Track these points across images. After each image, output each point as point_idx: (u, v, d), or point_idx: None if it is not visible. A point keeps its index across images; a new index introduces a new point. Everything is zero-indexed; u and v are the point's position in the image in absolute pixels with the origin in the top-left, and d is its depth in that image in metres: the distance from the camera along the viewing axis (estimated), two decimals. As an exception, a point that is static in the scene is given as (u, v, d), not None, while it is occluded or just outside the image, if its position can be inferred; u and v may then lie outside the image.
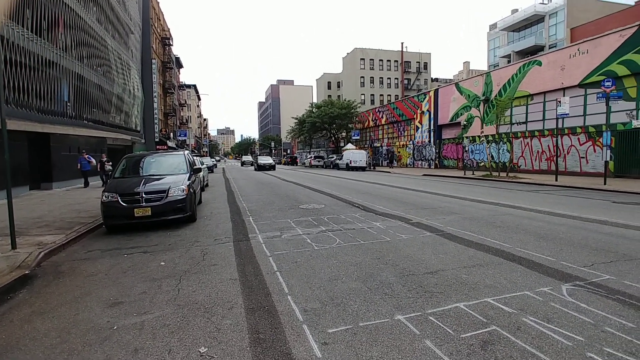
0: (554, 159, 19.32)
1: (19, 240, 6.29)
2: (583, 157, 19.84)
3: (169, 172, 8.95)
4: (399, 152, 40.28)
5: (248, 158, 65.07)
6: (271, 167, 37.76)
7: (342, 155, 38.08)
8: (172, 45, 53.70)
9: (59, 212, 10.09)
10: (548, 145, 21.86)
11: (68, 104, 18.36)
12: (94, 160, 17.75)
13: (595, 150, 19.19)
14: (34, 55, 14.91)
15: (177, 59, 60.53)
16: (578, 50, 20.37)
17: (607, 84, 15.10)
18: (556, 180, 16.63)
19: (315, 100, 74.88)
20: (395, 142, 41.02)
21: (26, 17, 14.47)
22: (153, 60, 38.88)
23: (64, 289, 4.45)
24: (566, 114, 16.82)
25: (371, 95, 68.15)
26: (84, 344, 3.08)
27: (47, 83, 15.96)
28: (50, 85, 16.24)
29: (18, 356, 2.94)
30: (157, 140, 38.44)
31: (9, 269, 5.01)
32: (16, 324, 3.53)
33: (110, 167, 17.67)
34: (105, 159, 18.56)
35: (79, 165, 17.44)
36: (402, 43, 74.72)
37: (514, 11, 48.10)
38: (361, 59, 67.59)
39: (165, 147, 39.42)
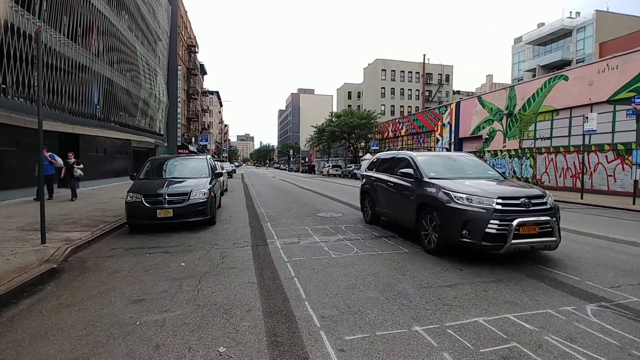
0: (580, 176, 18.75)
1: (48, 235, 6.55)
2: (611, 176, 19.18)
3: (191, 175, 9.17)
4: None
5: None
6: None
7: (361, 165, 37.99)
8: (197, 52, 55.18)
9: (85, 210, 10.45)
10: (574, 162, 21.24)
11: (97, 106, 19.10)
12: (59, 161, 12.32)
13: (624, 169, 18.53)
14: (68, 59, 15.63)
15: (202, 65, 62.07)
16: (607, 65, 19.84)
17: (637, 100, 14.62)
18: (582, 198, 16.12)
19: (335, 110, 75.19)
20: (414, 154, 40.66)
21: (63, 24, 15.22)
22: (179, 67, 40.02)
23: (89, 283, 4.61)
24: (594, 131, 16.34)
25: (391, 106, 67.95)
26: (108, 337, 3.19)
27: (79, 86, 16.68)
28: (81, 88, 16.95)
29: (47, 345, 3.06)
30: (179, 144, 39.38)
31: (39, 262, 5.23)
32: (45, 315, 3.68)
33: (81, 172, 13.11)
34: (73, 159, 13.04)
35: (36, 168, 10.74)
36: (424, 55, 74.62)
37: (540, 25, 47.35)
38: (382, 69, 67.63)
39: (187, 151, 40.29)
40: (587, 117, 16.30)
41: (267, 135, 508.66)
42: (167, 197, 7.76)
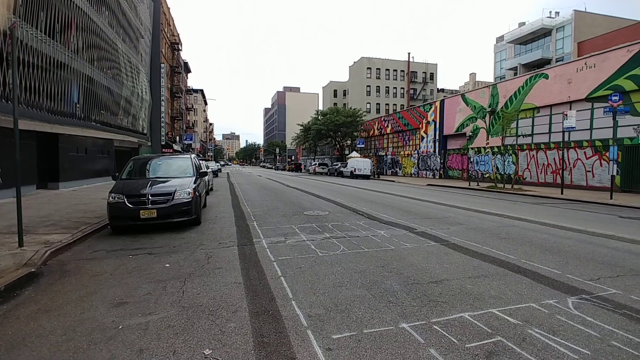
0: (560, 172, 19.23)
1: (26, 238, 6.34)
2: (589, 171, 19.73)
3: (175, 174, 9.01)
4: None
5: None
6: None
7: (347, 163, 38.10)
8: (181, 50, 54.32)
9: (65, 211, 10.17)
10: (554, 158, 21.77)
11: (77, 105, 18.58)
12: None
13: (601, 165, 19.09)
14: (46, 56, 15.15)
15: (186, 63, 61.16)
16: (585, 64, 20.37)
17: (614, 98, 15.06)
18: (562, 193, 16.53)
19: (321, 108, 75.20)
20: (400, 152, 41.02)
21: (40, 20, 14.73)
22: (162, 65, 39.32)
23: (70, 287, 4.48)
24: (573, 128, 16.78)
25: (377, 104, 68.35)
26: (89, 342, 3.10)
27: (57, 84, 16.18)
28: (60, 86, 16.46)
29: (24, 353, 2.96)
30: (163, 143, 38.72)
31: (16, 267, 5.05)
32: (22, 320, 3.55)
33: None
34: None
35: None
36: (408, 53, 74.99)
37: (521, 24, 48.26)
38: (368, 68, 67.92)
39: (171, 150, 39.68)
40: (566, 115, 16.72)
41: (253, 133, 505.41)
42: (150, 198, 7.60)
